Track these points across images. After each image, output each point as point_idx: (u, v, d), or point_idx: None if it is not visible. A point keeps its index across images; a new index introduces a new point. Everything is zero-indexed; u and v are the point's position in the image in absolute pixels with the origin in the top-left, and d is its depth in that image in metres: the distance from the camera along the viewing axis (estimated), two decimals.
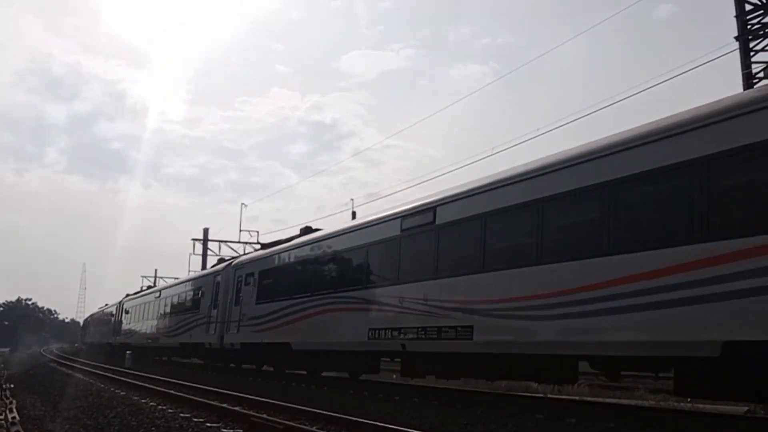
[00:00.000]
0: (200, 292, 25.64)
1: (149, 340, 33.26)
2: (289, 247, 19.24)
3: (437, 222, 12.25)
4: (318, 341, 16.45)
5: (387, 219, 14.21)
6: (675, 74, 17.93)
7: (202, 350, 24.98)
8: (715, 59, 17.06)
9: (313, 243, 17.57)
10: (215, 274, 24.65)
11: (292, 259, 18.65)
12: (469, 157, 50.18)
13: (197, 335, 24.75)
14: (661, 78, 18.24)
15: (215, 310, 22.98)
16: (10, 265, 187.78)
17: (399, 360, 14.70)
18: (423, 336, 12.07)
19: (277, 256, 19.77)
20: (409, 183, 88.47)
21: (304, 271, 17.68)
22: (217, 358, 24.25)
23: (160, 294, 33.22)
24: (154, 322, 32.77)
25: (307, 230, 19.99)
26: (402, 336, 12.67)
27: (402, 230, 13.30)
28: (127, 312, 40.98)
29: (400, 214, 13.71)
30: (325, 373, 18.45)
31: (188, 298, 27.75)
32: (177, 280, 34.38)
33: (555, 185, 9.82)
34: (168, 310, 30.34)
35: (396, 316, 12.88)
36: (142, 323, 35.85)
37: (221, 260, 28.48)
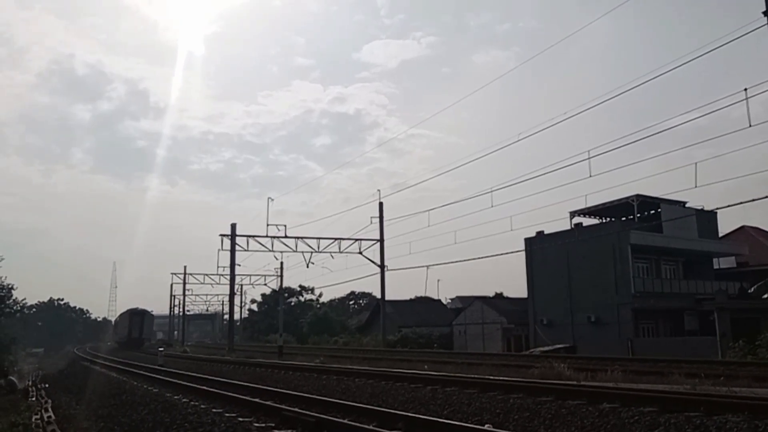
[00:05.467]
0: (122, 317, 69.87)
1: (118, 339, 69.53)
2: None
3: None
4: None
5: None
6: (702, 53, 17.51)
7: (122, 343, 62.39)
8: (743, 36, 16.56)
9: None
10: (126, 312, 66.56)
11: None
12: (496, 143, 49.63)
13: (120, 336, 65.06)
14: (689, 57, 17.82)
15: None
16: (42, 266, 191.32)
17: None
18: None
19: None
20: (435, 172, 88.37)
21: None
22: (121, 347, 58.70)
23: (121, 315, 72.00)
24: (118, 329, 72.22)
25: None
26: None
27: None
28: (116, 321, 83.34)
29: None
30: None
31: (121, 320, 69.29)
32: (123, 311, 71.83)
33: None
34: (120, 323, 72.11)
35: None
36: (118, 329, 73.02)
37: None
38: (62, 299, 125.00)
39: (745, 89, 17.07)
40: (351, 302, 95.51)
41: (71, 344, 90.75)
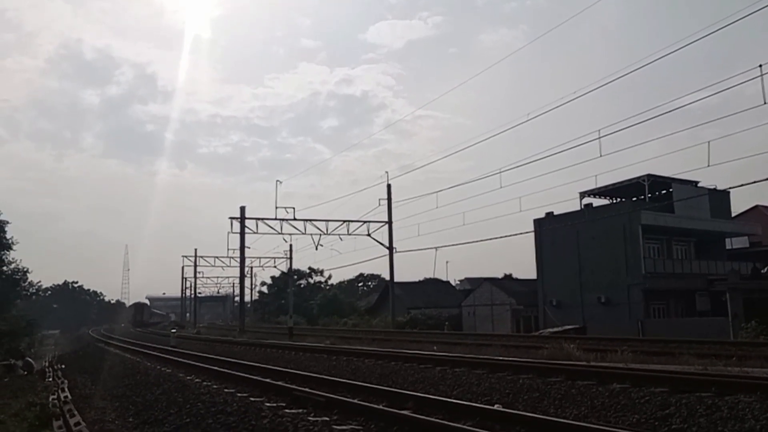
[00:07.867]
0: (128, 309, 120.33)
1: (129, 320, 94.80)
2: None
3: None
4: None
5: None
6: (714, 29, 17.18)
7: (132, 323, 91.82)
8: (758, 11, 16.20)
9: None
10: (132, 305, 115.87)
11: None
12: (504, 124, 49.29)
13: (127, 320, 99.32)
14: (700, 34, 17.49)
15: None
16: (56, 250, 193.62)
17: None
18: None
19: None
20: (443, 153, 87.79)
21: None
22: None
23: (130, 306, 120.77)
24: (129, 315, 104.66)
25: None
26: None
27: None
28: (128, 309, 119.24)
29: None
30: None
31: (129, 309, 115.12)
32: (131, 304, 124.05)
33: None
34: (129, 310, 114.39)
35: None
36: (129, 315, 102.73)
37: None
38: (76, 282, 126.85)
39: (760, 65, 16.82)
40: (360, 284, 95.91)
41: (86, 326, 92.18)
